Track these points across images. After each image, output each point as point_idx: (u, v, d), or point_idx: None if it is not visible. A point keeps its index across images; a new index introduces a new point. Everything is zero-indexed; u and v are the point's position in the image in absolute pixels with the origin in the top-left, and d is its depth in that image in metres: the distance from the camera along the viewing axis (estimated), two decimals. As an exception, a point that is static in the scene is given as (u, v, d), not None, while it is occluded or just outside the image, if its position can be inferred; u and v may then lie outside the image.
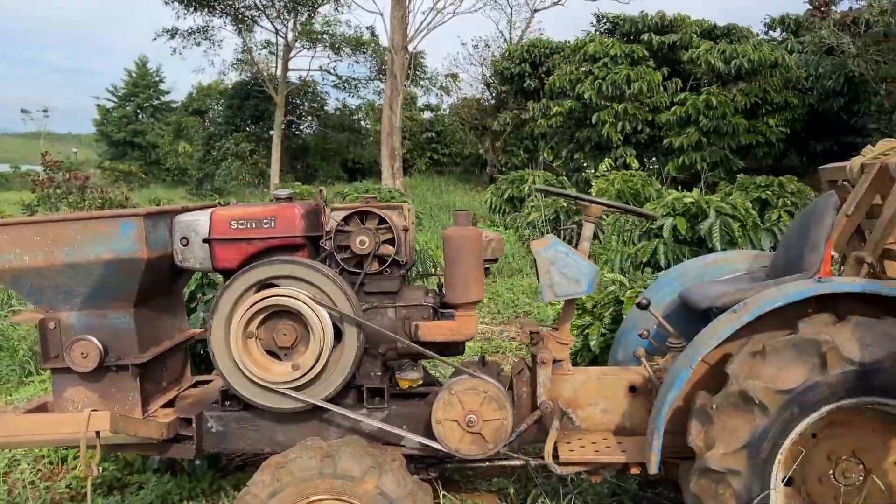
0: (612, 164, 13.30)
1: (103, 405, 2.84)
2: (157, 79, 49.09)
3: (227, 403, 3.00)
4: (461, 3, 23.74)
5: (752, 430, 2.37)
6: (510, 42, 28.32)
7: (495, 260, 3.07)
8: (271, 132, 30.77)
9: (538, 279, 3.30)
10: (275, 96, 28.80)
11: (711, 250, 6.48)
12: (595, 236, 8.96)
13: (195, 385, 3.42)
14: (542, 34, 28.37)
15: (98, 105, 47.21)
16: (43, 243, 2.73)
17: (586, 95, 15.76)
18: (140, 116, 46.39)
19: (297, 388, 2.80)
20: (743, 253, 3.50)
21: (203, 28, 28.62)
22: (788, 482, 2.55)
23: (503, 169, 21.83)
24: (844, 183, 3.58)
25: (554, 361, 2.96)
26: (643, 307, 3.10)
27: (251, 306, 2.74)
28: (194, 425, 2.95)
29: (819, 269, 2.69)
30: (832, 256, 2.95)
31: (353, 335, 2.80)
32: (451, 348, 3.04)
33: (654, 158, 15.77)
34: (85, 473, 2.60)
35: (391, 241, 2.94)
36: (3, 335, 6.22)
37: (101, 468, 2.64)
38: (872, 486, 2.51)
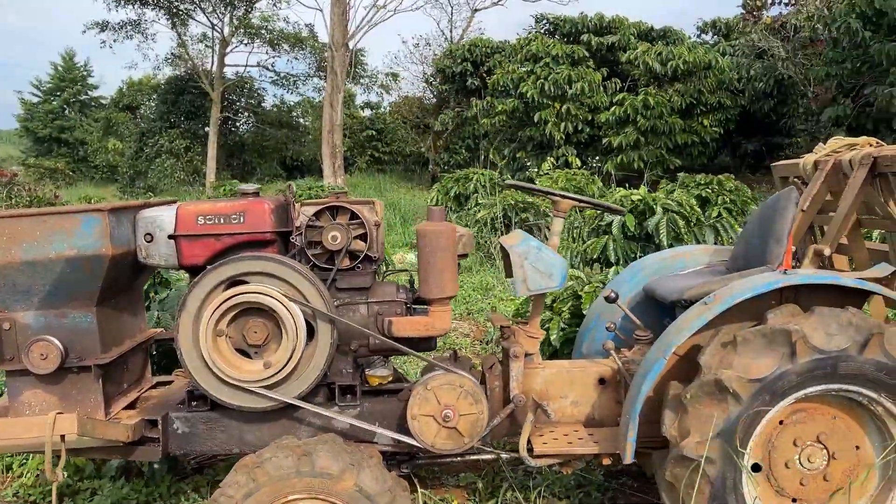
0: (555, 162, 13.47)
1: (63, 408, 2.73)
2: (84, 73, 47.34)
3: (194, 404, 2.92)
4: (402, 1, 23.72)
5: (726, 419, 2.45)
6: (451, 41, 28.42)
7: (466, 255, 3.08)
8: (207, 129, 30.10)
9: (505, 274, 3.33)
10: (211, 92, 28.17)
11: (659, 246, 6.65)
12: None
13: (155, 386, 3.32)
14: (482, 34, 28.60)
15: (22, 99, 45.22)
16: (-1, 240, 2.60)
17: (529, 94, 15.93)
18: (67, 112, 44.59)
19: (269, 387, 2.75)
20: (702, 247, 3.60)
21: (135, 21, 27.78)
22: (756, 468, 2.63)
23: (445, 168, 21.90)
24: (795, 179, 3.73)
25: (525, 355, 2.99)
26: (612, 300, 3.15)
27: (222, 303, 2.67)
28: (160, 427, 2.86)
29: (783, 262, 2.78)
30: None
31: (326, 332, 2.76)
32: (422, 344, 3.02)
33: (597, 157, 16.05)
34: (51, 479, 2.49)
35: (362, 237, 2.91)
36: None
37: (64, 473, 2.53)
38: (834, 470, 2.62)
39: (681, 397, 2.55)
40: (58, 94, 45.04)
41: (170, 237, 2.82)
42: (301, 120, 36.57)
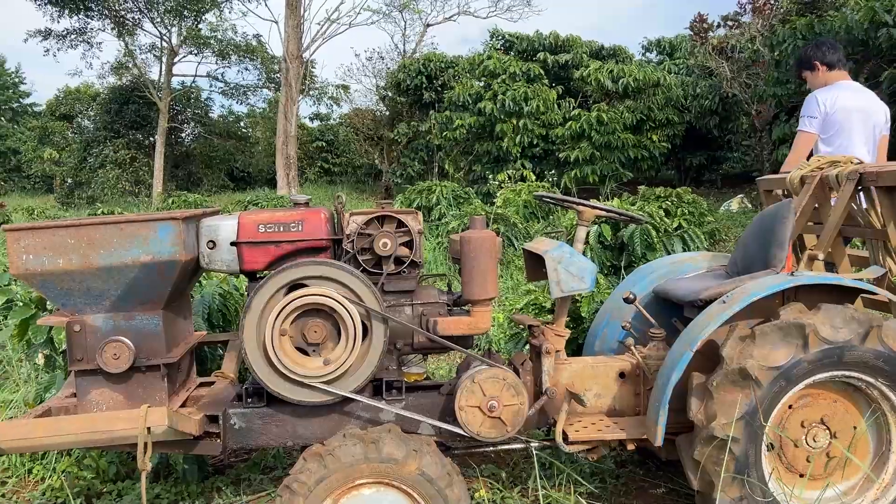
0: (512, 175, 13.88)
1: (129, 406, 2.89)
2: (16, 80, 45.93)
3: (250, 400, 3.11)
4: (357, 15, 23.98)
5: (749, 402, 2.77)
6: (404, 54, 28.76)
7: (499, 260, 3.35)
8: (152, 139, 29.67)
9: (527, 278, 3.62)
10: (158, 102, 27.82)
11: (633, 254, 7.05)
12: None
13: (198, 387, 3.48)
14: (435, 48, 29.06)
15: (-52, 107, 43.54)
16: (78, 246, 2.75)
17: (488, 110, 16.31)
18: (-1, 119, 43.19)
19: (328, 383, 2.96)
20: (702, 254, 3.96)
21: (80, 30, 27.23)
22: (769, 447, 2.97)
23: (398, 180, 22.16)
24: (778, 192, 4.13)
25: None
26: (630, 301, 3.47)
27: (288, 304, 2.88)
28: (220, 422, 3.04)
29: (785, 265, 3.14)
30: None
31: (380, 331, 2.99)
32: (460, 342, 3.28)
33: (553, 172, 16.53)
34: (141, 468, 2.65)
35: (407, 244, 3.16)
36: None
37: (151, 462, 2.69)
38: (835, 448, 2.98)
39: (706, 385, 2.87)
40: (-14, 101, 43.62)
41: (232, 244, 3.01)
42: (249, 130, 36.38)
